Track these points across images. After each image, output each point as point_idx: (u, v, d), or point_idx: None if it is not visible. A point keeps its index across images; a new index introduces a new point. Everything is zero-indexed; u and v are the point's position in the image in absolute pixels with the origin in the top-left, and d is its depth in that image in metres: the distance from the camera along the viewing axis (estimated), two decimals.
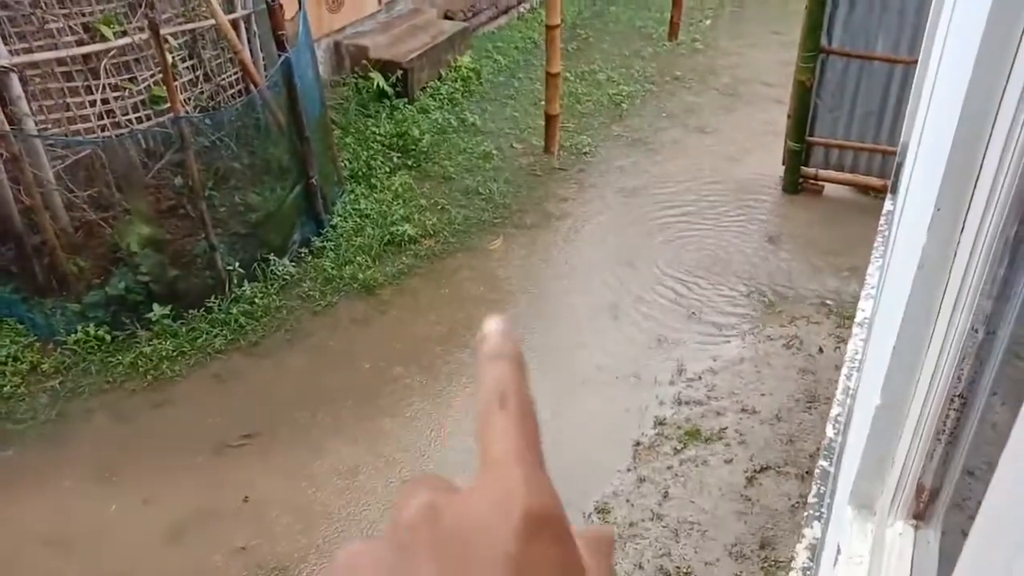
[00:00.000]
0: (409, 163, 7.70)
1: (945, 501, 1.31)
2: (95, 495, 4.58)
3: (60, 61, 5.52)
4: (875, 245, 4.38)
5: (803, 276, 6.37)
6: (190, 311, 5.75)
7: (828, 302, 6.07)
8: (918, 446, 1.29)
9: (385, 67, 8.54)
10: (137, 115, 5.96)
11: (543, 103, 8.11)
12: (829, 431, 3.28)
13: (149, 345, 5.50)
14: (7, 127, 5.10)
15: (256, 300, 5.95)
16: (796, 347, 5.66)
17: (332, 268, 6.35)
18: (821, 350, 5.62)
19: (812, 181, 7.37)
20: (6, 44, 5.27)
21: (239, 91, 6.65)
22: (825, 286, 6.24)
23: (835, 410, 3.42)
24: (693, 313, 6.01)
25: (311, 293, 6.15)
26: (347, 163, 7.47)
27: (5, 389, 5.15)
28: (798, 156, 7.25)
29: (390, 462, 4.81)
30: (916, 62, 5.83)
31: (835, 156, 7.21)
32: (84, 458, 4.81)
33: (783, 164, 7.44)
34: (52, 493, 4.58)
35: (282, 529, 4.40)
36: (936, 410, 1.25)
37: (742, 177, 7.76)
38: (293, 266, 6.31)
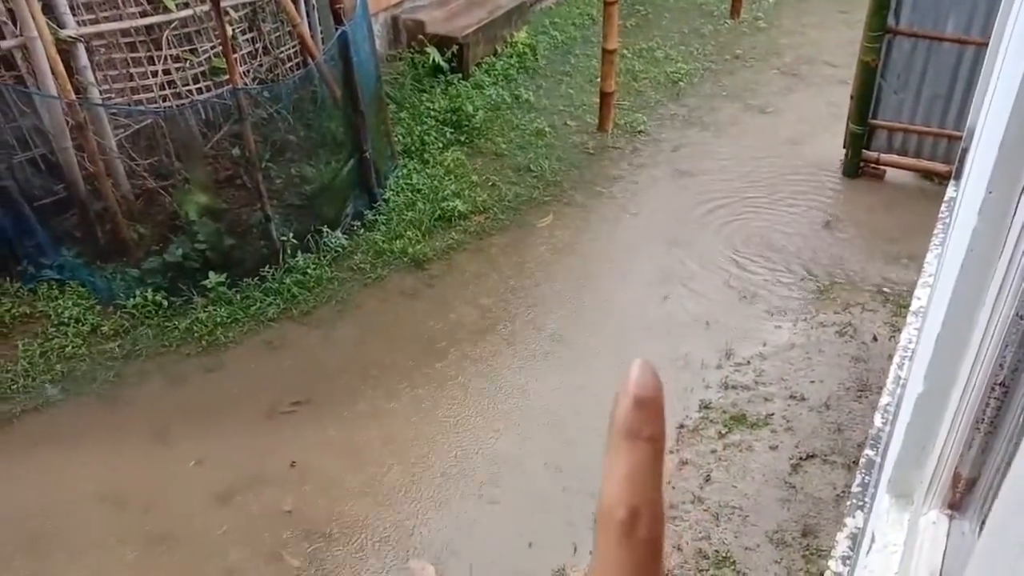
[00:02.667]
0: (462, 139, 7.71)
1: (983, 491, 1.27)
2: (149, 455, 4.74)
3: (124, 32, 5.65)
4: (935, 232, 4.25)
5: (860, 262, 6.22)
6: (245, 279, 5.88)
7: (885, 290, 5.92)
8: (956, 435, 1.25)
9: (441, 42, 8.55)
10: (197, 86, 6.08)
11: (599, 80, 8.03)
12: (877, 420, 3.21)
13: (204, 311, 5.64)
14: (73, 96, 5.25)
15: (308, 271, 6.04)
16: (849, 335, 5.54)
17: (383, 241, 6.41)
18: (875, 338, 5.49)
19: (874, 165, 7.17)
20: (74, 15, 5.41)
21: (297, 64, 6.73)
22: (882, 273, 6.08)
23: (885, 399, 3.35)
24: (744, 297, 5.92)
25: (362, 265, 6.22)
26: (400, 138, 7.52)
27: (67, 349, 5.34)
28: (860, 139, 7.05)
29: (434, 433, 4.87)
30: (987, 44, 5.62)
31: (899, 140, 6.99)
32: (140, 419, 4.97)
33: (844, 147, 7.25)
34: (108, 451, 4.75)
35: (328, 495, 4.49)
36: (977, 398, 1.21)
37: (801, 159, 7.58)
38: (345, 238, 6.39)
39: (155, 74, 5.87)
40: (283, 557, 4.16)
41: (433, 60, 8.42)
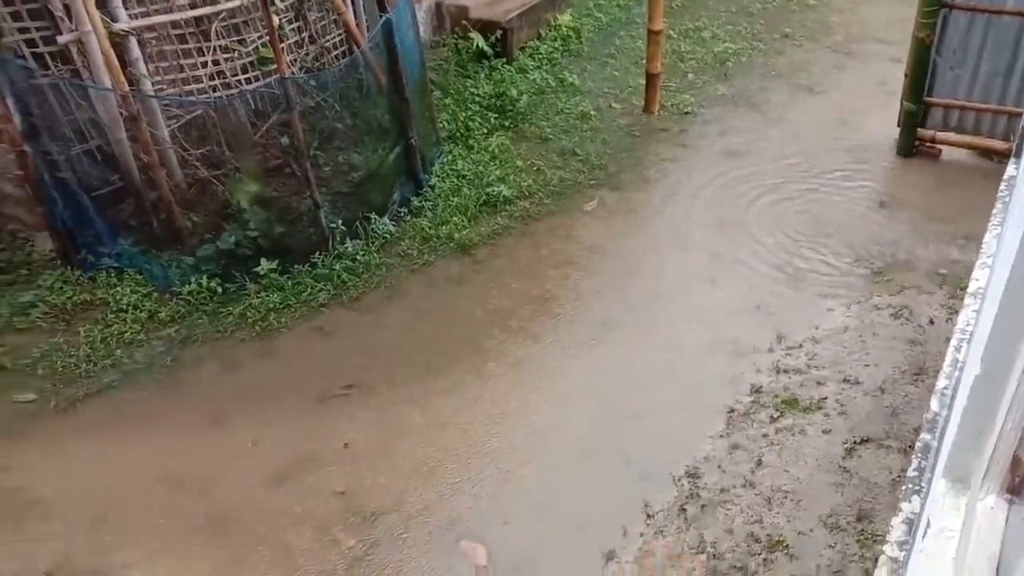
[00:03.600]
0: (506, 124, 7.70)
1: None
2: (206, 437, 4.86)
3: (174, 24, 5.76)
4: (994, 212, 4.12)
5: (915, 243, 6.07)
6: (295, 266, 5.98)
7: (941, 271, 5.77)
8: (1015, 418, 1.22)
9: (485, 27, 8.53)
10: (246, 76, 6.18)
11: (644, 62, 7.94)
12: (934, 404, 3.14)
13: (257, 297, 5.75)
14: (127, 88, 5.37)
15: (357, 257, 6.12)
16: (905, 317, 5.42)
17: (429, 228, 6.45)
18: (932, 321, 5.36)
19: (929, 144, 6.98)
20: (126, 9, 5.53)
21: (342, 52, 6.80)
22: (939, 254, 5.93)
23: (942, 383, 3.28)
24: (796, 279, 5.83)
25: (409, 252, 6.27)
26: (445, 124, 7.54)
27: (126, 335, 5.49)
28: (914, 117, 6.87)
29: (482, 417, 4.90)
30: None
31: (955, 118, 6.80)
32: (196, 402, 5.10)
33: (898, 126, 7.07)
34: (167, 434, 4.88)
35: (379, 476, 4.56)
36: None
37: (853, 139, 7.42)
38: (393, 225, 6.45)
39: (205, 65, 5.98)
40: (336, 536, 4.24)
41: (477, 45, 8.42)
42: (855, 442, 4.58)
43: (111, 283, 5.80)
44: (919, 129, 6.93)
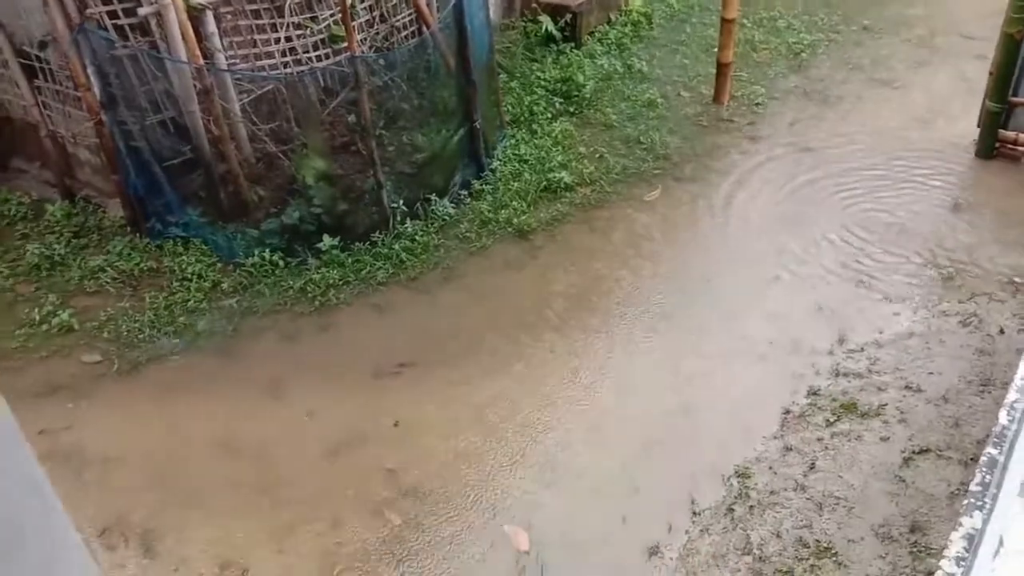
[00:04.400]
0: (571, 109, 7.64)
1: None
2: (262, 407, 4.97)
3: (250, 0, 5.84)
4: None
5: (989, 249, 5.85)
6: (356, 244, 6.05)
7: (1015, 279, 5.56)
8: None
9: (555, 10, 8.47)
10: (317, 53, 6.24)
11: (715, 50, 7.79)
12: (1003, 418, 3.03)
13: (318, 273, 5.84)
14: (202, 61, 5.48)
15: (417, 237, 6.16)
16: (974, 325, 5.24)
17: (489, 211, 6.46)
18: (1002, 331, 5.17)
19: (1011, 146, 6.70)
20: None
21: (412, 32, 6.81)
22: (1014, 262, 5.71)
23: (1012, 396, 3.16)
24: (861, 281, 5.67)
25: (468, 234, 6.29)
26: (510, 107, 7.52)
27: (190, 303, 5.64)
28: (997, 118, 6.60)
29: (533, 403, 4.90)
30: None
31: None
32: (255, 372, 5.21)
33: (978, 126, 6.80)
34: (225, 401, 5.01)
35: (428, 455, 4.61)
36: None
37: (930, 138, 7.17)
38: (453, 207, 6.47)
39: (277, 41, 6.06)
40: (384, 513, 4.30)
41: (546, 29, 8.36)
42: (914, 451, 4.45)
43: (177, 252, 5.96)
44: (1001, 130, 6.66)
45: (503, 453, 4.62)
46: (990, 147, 6.74)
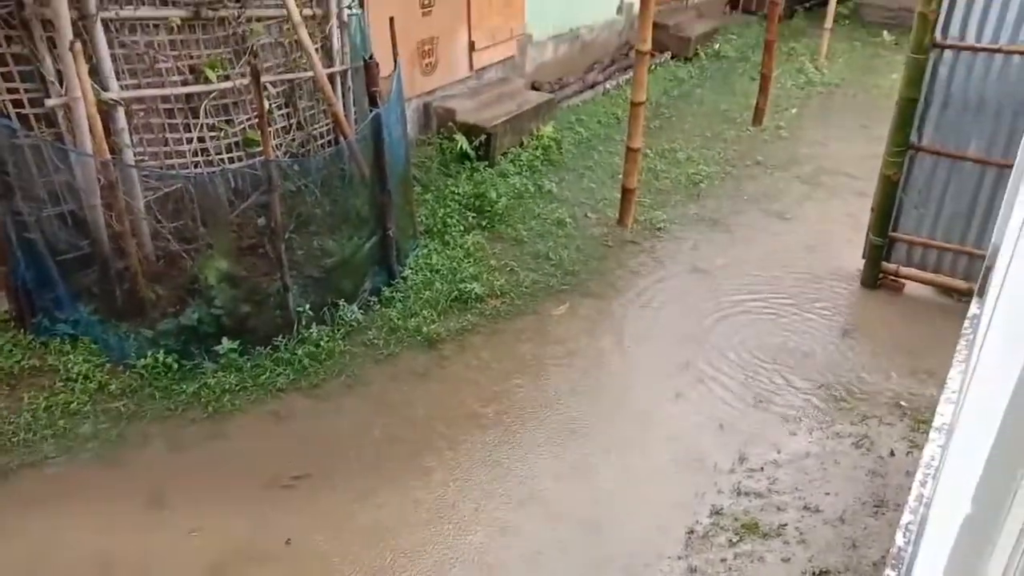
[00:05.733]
0: (483, 224, 7.79)
1: None
2: (145, 520, 4.62)
3: (164, 98, 5.81)
4: (958, 348, 4.21)
5: (877, 374, 6.14)
6: (257, 348, 5.85)
7: (902, 403, 5.82)
8: (1018, 564, 1.18)
9: (470, 130, 8.75)
10: (230, 155, 6.21)
11: (621, 176, 8.15)
12: (899, 539, 3.10)
13: (214, 377, 5.60)
14: (108, 156, 5.35)
15: (322, 343, 6.02)
16: (866, 447, 5.42)
17: (398, 319, 6.40)
18: (892, 453, 5.37)
19: (893, 278, 7.17)
20: (118, 79, 5.57)
21: (328, 141, 6.89)
22: (900, 386, 6.00)
23: (907, 517, 3.25)
24: (760, 401, 5.83)
25: (375, 341, 6.19)
26: (424, 218, 7.60)
27: (72, 405, 5.28)
28: (880, 251, 7.08)
29: (437, 521, 4.73)
30: (1011, 165, 5.69)
31: (918, 254, 7.01)
32: (138, 482, 4.86)
33: (863, 257, 7.27)
34: (104, 514, 4.63)
35: None
36: None
37: (819, 267, 7.60)
38: (361, 313, 6.39)
39: (190, 141, 6.01)
40: None
41: (461, 147, 8.61)
42: (814, 573, 4.48)
43: (64, 350, 5.62)
44: (884, 263, 7.13)
45: (400, 574, 4.39)
46: (874, 278, 7.19)
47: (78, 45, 5.11)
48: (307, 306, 6.05)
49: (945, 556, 1.41)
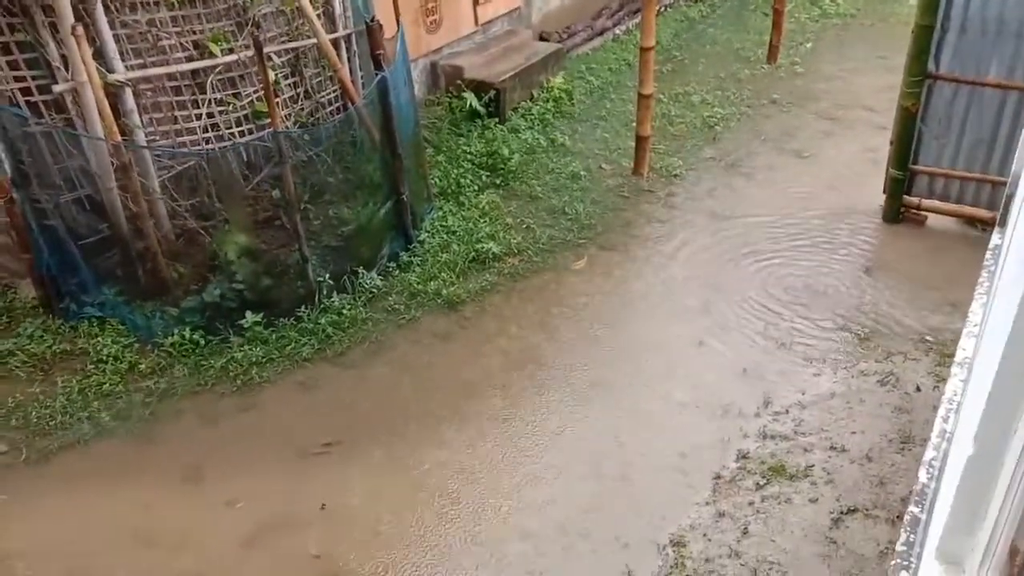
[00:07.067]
0: (497, 182, 7.75)
1: None
2: (181, 493, 4.75)
3: (170, 76, 5.80)
4: (980, 280, 4.15)
5: (901, 310, 6.09)
6: (280, 319, 5.92)
7: (928, 338, 5.78)
8: (1013, 504, 1.18)
9: (479, 87, 8.65)
10: (240, 129, 6.21)
11: (634, 125, 8.05)
12: (922, 476, 3.10)
13: (240, 351, 5.68)
14: (119, 138, 5.38)
15: (344, 311, 6.07)
16: (891, 384, 5.40)
17: (418, 283, 6.43)
18: (919, 388, 5.34)
19: (914, 211, 7.05)
20: (123, 60, 5.57)
21: (337, 108, 6.85)
22: (925, 321, 5.94)
23: (930, 454, 3.24)
24: (783, 344, 5.81)
25: (396, 307, 6.24)
26: (437, 180, 7.58)
27: (105, 386, 5.40)
28: (900, 184, 6.96)
29: (466, 479, 4.81)
30: None
31: (940, 186, 6.88)
32: (173, 457, 4.99)
33: (884, 192, 7.16)
34: (142, 489, 4.76)
35: (356, 539, 4.45)
36: None
37: (839, 204, 7.50)
38: (381, 280, 6.43)
39: (199, 117, 6.01)
40: None
41: (470, 105, 8.53)
42: (842, 512, 4.51)
43: (92, 333, 5.73)
44: (905, 196, 7.01)
45: (434, 535, 4.49)
46: (896, 212, 7.09)
47: (80, 28, 5.11)
48: (327, 275, 6.09)
49: (952, 494, 1.41)
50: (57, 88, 5.35)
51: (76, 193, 5.67)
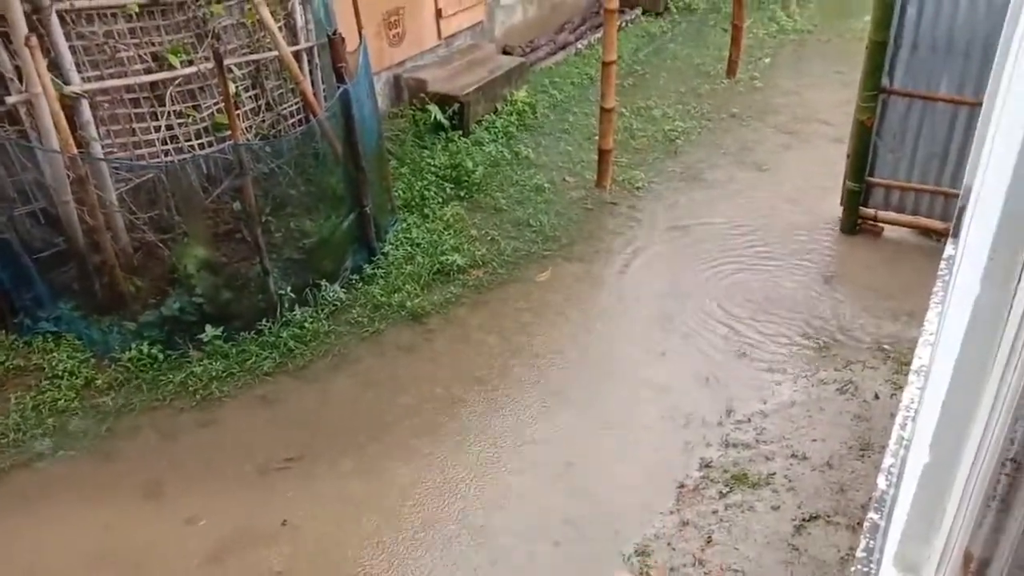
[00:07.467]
0: (461, 194, 7.76)
1: (997, 574, 1.22)
2: (140, 511, 4.65)
3: (128, 88, 5.71)
4: (935, 290, 4.24)
5: (860, 319, 6.20)
6: (241, 333, 5.85)
7: (885, 347, 5.89)
8: (967, 511, 1.21)
9: (442, 100, 8.66)
10: (200, 141, 6.13)
11: (597, 138, 8.11)
12: (881, 482, 3.15)
13: (200, 365, 5.60)
14: (75, 150, 5.29)
15: (306, 324, 6.02)
16: (851, 392, 5.49)
17: (381, 295, 6.40)
18: (877, 396, 5.44)
19: (871, 222, 7.20)
20: (79, 72, 5.48)
21: (299, 120, 6.80)
22: (882, 330, 6.06)
23: (888, 460, 3.30)
24: (744, 353, 5.88)
25: (359, 319, 6.20)
26: (401, 193, 7.56)
27: (60, 403, 5.28)
28: (857, 196, 7.09)
29: (431, 492, 4.78)
30: (980, 104, 5.69)
31: (896, 197, 7.04)
32: (131, 474, 4.89)
33: (841, 204, 7.29)
34: (100, 507, 4.66)
35: (318, 556, 4.39)
36: (987, 473, 1.18)
37: (799, 216, 7.62)
38: (343, 292, 6.39)
39: (158, 129, 5.92)
40: None
41: (434, 117, 8.53)
42: (804, 519, 4.56)
43: (48, 348, 5.61)
44: (862, 208, 7.15)
45: (398, 549, 4.45)
46: (853, 223, 7.22)
47: (34, 39, 5.01)
48: (288, 288, 6.03)
49: (909, 501, 1.44)
50: (10, 99, 5.24)
51: (31, 206, 5.56)
